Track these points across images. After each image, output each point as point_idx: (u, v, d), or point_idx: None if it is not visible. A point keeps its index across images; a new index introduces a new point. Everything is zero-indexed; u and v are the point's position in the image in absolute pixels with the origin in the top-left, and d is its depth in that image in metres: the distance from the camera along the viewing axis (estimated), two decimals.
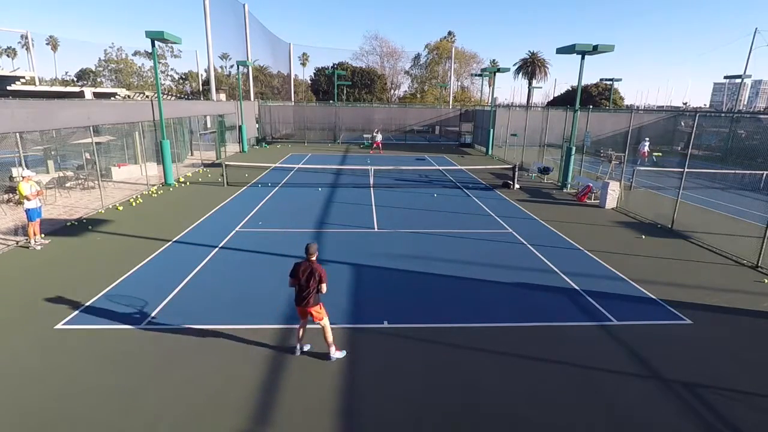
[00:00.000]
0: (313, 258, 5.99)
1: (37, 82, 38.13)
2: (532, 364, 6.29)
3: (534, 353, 6.54)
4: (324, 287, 5.95)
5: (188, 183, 19.15)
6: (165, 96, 40.89)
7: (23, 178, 10.39)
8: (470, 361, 6.36)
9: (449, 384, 5.82)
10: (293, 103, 48.10)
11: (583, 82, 19.46)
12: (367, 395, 5.57)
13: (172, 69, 63.28)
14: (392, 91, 71.25)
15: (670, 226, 13.20)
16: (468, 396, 5.59)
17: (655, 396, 5.66)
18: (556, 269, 9.84)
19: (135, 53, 57.79)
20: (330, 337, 6.21)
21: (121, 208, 14.35)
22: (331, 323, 6.13)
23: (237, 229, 12.39)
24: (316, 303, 6.04)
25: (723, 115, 38.69)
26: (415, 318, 7.51)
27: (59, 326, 7.01)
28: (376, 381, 5.85)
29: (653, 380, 5.97)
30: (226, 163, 19.75)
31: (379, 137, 32.04)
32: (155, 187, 17.62)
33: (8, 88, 24.27)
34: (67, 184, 16.70)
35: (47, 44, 77.84)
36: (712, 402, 5.57)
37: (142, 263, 9.66)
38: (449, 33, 69.06)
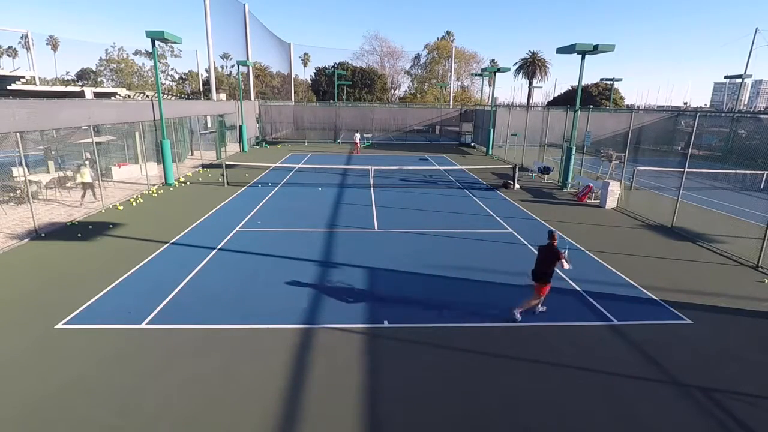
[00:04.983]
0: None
1: (38, 82, 38.12)
2: (532, 365, 6.28)
3: (535, 353, 6.54)
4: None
5: (188, 183, 19.15)
6: (165, 96, 40.89)
7: None
8: (471, 361, 6.36)
9: (449, 385, 5.82)
10: (293, 103, 48.08)
11: (584, 82, 19.47)
12: (366, 396, 5.57)
13: (172, 69, 63.23)
14: (392, 90, 71.18)
15: (670, 226, 13.19)
16: (469, 397, 5.59)
17: (655, 395, 5.65)
18: (556, 269, 9.81)
19: (136, 53, 57.72)
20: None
21: (121, 207, 14.35)
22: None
23: (237, 228, 12.39)
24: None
25: (723, 114, 38.68)
26: (415, 318, 7.51)
27: (59, 326, 7.01)
28: (376, 381, 5.85)
29: (653, 380, 5.97)
30: (227, 162, 19.77)
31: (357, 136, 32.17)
32: (155, 187, 17.62)
33: (8, 87, 24.24)
34: (68, 184, 16.71)
35: (47, 44, 77.81)
36: (712, 401, 5.56)
37: (142, 263, 9.66)
38: (448, 32, 68.95)
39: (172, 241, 11.16)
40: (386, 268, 9.71)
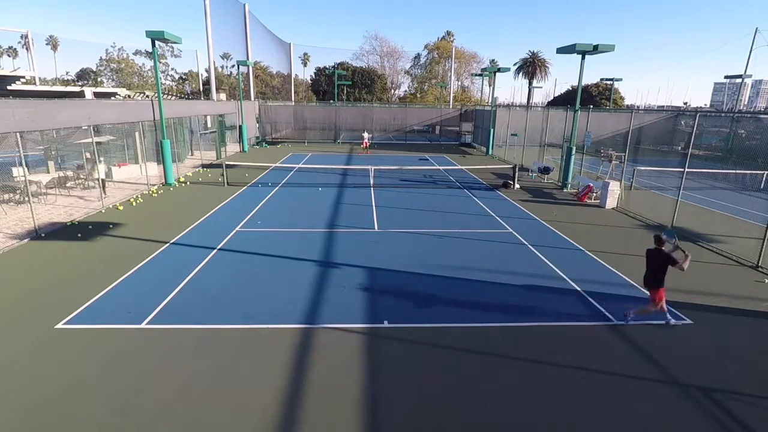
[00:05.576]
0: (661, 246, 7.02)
1: (38, 82, 38.12)
2: (532, 365, 6.28)
3: (534, 353, 6.54)
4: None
5: (188, 183, 19.16)
6: (165, 96, 40.87)
7: None
8: (471, 361, 6.36)
9: (449, 385, 5.82)
10: (293, 103, 48.09)
11: (584, 82, 19.47)
12: (366, 395, 5.57)
13: (172, 69, 63.26)
14: (392, 90, 71.19)
15: (670, 226, 13.17)
16: (469, 397, 5.59)
17: (655, 395, 5.65)
18: (556, 269, 9.84)
19: (136, 53, 57.70)
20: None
21: (121, 207, 14.35)
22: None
23: (237, 228, 12.39)
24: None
25: (723, 114, 38.67)
26: (415, 318, 7.51)
27: (59, 326, 7.01)
28: (376, 381, 5.85)
29: (653, 380, 5.97)
30: (227, 162, 19.77)
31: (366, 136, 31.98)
32: (155, 187, 17.62)
33: (8, 87, 24.27)
34: (68, 184, 16.72)
35: (47, 44, 77.86)
36: (712, 401, 5.56)
37: (142, 263, 9.66)
38: (448, 32, 68.94)
39: (172, 241, 11.15)
40: (386, 268, 9.71)
